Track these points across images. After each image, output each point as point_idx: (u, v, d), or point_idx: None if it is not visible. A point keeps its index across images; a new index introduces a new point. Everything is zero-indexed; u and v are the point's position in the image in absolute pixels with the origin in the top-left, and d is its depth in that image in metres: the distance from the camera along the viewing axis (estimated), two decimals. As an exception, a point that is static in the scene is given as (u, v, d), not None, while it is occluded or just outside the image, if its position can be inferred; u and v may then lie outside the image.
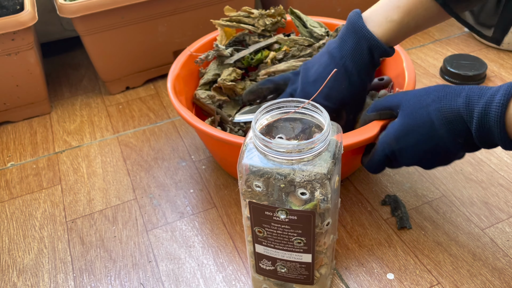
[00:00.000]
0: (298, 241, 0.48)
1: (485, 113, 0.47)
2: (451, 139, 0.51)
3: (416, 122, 0.53)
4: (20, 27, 0.82)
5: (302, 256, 0.49)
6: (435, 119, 0.51)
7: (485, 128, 0.48)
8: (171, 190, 0.75)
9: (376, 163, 0.59)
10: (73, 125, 0.93)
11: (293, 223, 0.46)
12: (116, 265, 0.64)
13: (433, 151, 0.54)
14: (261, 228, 0.48)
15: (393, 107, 0.57)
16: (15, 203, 0.75)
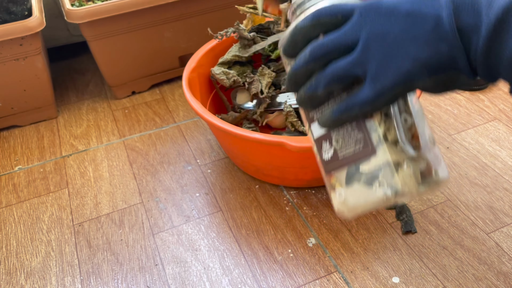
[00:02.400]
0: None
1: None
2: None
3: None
4: (28, 33, 0.83)
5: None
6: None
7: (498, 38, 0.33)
8: (177, 193, 0.76)
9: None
10: (80, 129, 0.93)
11: None
12: (123, 268, 0.64)
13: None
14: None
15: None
16: (23, 206, 0.76)
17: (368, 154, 0.41)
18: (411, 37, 0.35)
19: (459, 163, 0.77)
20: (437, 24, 0.34)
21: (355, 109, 0.38)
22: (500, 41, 0.33)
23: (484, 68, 0.35)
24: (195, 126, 0.91)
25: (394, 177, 0.41)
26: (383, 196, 0.41)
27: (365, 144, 0.41)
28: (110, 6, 0.88)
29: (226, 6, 1.00)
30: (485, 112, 0.88)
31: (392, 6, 0.36)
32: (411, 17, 0.35)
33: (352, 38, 0.36)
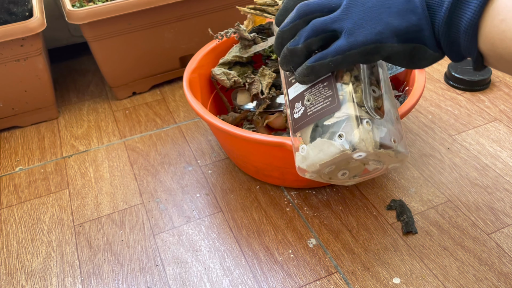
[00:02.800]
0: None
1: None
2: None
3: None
4: (29, 33, 0.83)
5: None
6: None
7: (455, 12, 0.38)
8: (178, 194, 0.76)
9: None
10: (81, 130, 0.94)
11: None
12: (124, 269, 0.64)
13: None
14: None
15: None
16: (23, 207, 0.76)
17: (333, 109, 0.44)
18: (386, 6, 0.40)
19: (459, 163, 0.77)
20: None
21: (327, 58, 0.42)
22: (459, 12, 0.37)
23: (446, 40, 0.39)
24: (196, 127, 0.91)
25: (354, 131, 0.43)
26: (341, 148, 0.43)
27: (332, 100, 0.44)
28: (111, 7, 0.88)
29: (226, 7, 1.00)
30: (486, 113, 0.88)
31: None
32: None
33: (335, 1, 0.41)
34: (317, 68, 0.43)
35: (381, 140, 0.44)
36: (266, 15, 0.79)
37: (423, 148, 0.81)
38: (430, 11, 0.39)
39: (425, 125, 0.86)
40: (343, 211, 0.70)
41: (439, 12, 0.38)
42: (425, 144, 0.82)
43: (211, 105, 0.82)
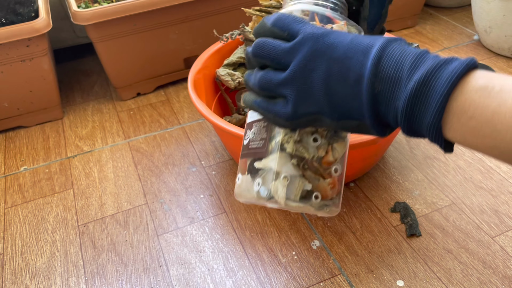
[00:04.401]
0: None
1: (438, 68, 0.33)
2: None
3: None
4: (35, 34, 0.83)
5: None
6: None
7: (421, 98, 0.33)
8: (182, 195, 0.76)
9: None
10: (85, 130, 0.94)
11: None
12: (127, 269, 0.65)
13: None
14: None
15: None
16: (28, 207, 0.76)
17: (263, 154, 0.45)
18: (333, 83, 0.37)
19: (464, 166, 0.77)
20: (357, 82, 0.36)
21: (271, 113, 0.41)
22: (418, 114, 0.34)
23: (409, 132, 0.36)
24: (200, 128, 0.91)
25: (271, 183, 0.44)
26: (258, 194, 0.45)
27: (264, 144, 0.45)
28: (116, 8, 0.88)
29: (231, 8, 1.00)
30: (490, 116, 0.87)
31: (327, 47, 0.37)
32: (338, 65, 0.37)
33: (286, 60, 0.39)
34: (259, 112, 0.43)
35: (294, 197, 0.45)
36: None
37: (427, 150, 0.81)
38: (382, 101, 0.35)
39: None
40: (346, 213, 0.70)
41: (392, 106, 0.35)
42: (429, 147, 0.81)
43: (215, 106, 0.82)
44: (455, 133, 0.33)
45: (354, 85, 0.36)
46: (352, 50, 0.36)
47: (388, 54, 0.35)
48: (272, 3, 0.80)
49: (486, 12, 1.03)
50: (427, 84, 0.33)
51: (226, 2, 0.99)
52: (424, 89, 0.33)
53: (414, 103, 0.33)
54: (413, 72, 0.33)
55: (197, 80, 0.77)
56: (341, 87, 0.37)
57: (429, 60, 0.34)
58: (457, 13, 1.25)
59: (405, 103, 0.33)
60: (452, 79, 0.32)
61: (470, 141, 0.33)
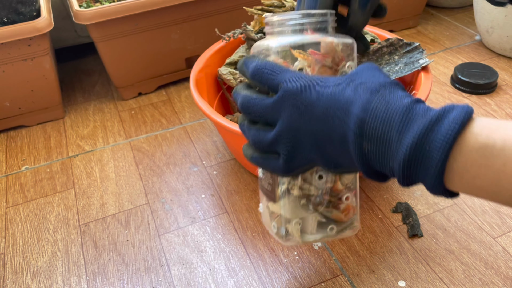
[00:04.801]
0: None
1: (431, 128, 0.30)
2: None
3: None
4: (37, 33, 0.83)
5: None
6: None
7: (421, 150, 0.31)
8: (183, 195, 0.76)
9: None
10: (86, 130, 0.94)
11: None
12: (129, 269, 0.65)
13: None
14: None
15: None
16: (29, 206, 0.76)
17: (272, 199, 0.47)
18: (319, 141, 0.36)
19: (465, 167, 0.77)
20: (343, 143, 0.35)
21: (268, 169, 0.42)
22: (415, 176, 0.32)
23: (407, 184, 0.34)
24: (201, 128, 0.91)
25: (284, 226, 0.46)
26: (277, 234, 0.47)
27: (272, 190, 0.46)
28: (117, 7, 0.88)
29: (233, 8, 1.00)
30: (492, 116, 0.87)
31: (306, 106, 0.36)
32: (320, 125, 0.36)
33: (272, 118, 0.39)
34: (257, 163, 0.43)
35: (310, 232, 0.47)
36: None
37: (429, 151, 0.81)
38: (372, 157, 0.33)
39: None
40: (348, 213, 0.70)
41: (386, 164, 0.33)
42: (431, 147, 0.81)
43: (217, 105, 0.82)
44: (459, 188, 0.31)
45: (341, 145, 0.35)
46: (332, 107, 0.35)
47: (372, 111, 0.32)
48: (274, 2, 0.80)
49: (488, 12, 1.03)
50: (420, 149, 0.30)
51: (227, 1, 0.98)
52: (418, 154, 0.31)
53: (410, 167, 0.31)
54: (403, 134, 0.31)
55: (199, 79, 0.77)
56: (328, 145, 0.36)
57: (418, 117, 0.31)
58: (458, 14, 1.25)
59: (400, 167, 0.31)
60: (448, 142, 0.29)
61: (476, 195, 0.31)
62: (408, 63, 0.71)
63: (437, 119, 0.30)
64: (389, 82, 0.34)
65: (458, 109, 0.31)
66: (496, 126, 0.30)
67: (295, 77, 0.38)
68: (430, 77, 0.70)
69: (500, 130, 0.29)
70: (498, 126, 0.29)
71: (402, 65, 0.71)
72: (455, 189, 0.31)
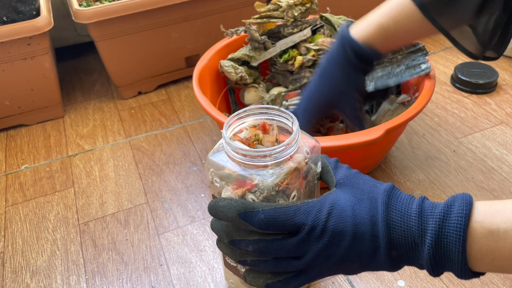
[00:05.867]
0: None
1: (442, 226, 0.35)
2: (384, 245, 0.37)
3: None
4: (36, 32, 0.83)
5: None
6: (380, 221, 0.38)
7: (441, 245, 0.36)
8: (183, 194, 0.76)
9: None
10: (86, 129, 0.94)
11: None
12: (128, 268, 0.65)
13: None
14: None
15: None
16: (29, 205, 0.76)
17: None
18: (349, 261, 0.38)
19: (465, 166, 0.77)
20: (372, 257, 0.38)
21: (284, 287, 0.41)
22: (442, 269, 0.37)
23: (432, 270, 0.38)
24: (201, 127, 0.91)
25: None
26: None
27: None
28: (117, 6, 0.88)
29: (233, 7, 1.00)
30: (492, 116, 0.87)
31: (336, 233, 0.38)
32: (351, 247, 0.38)
33: (295, 254, 0.39)
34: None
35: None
36: (273, 20, 0.80)
37: (429, 150, 0.81)
38: (403, 261, 0.38)
39: (431, 128, 0.86)
40: (348, 212, 0.70)
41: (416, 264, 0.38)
42: (431, 147, 0.81)
43: (220, 104, 0.82)
44: (485, 269, 0.36)
45: (370, 259, 0.38)
46: (359, 232, 0.38)
47: (393, 227, 0.37)
48: (270, 7, 0.80)
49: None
50: (440, 246, 0.35)
51: (227, 1, 0.98)
52: (440, 252, 0.35)
53: (437, 263, 0.36)
54: (424, 237, 0.36)
55: (202, 77, 0.77)
56: (355, 262, 0.38)
57: (429, 220, 0.36)
58: (459, 13, 1.25)
59: (428, 264, 0.36)
60: (460, 237, 0.35)
61: (502, 272, 0.36)
62: (409, 67, 0.71)
63: (444, 216, 0.36)
64: (389, 188, 0.39)
65: (458, 201, 0.36)
66: (494, 210, 0.35)
67: (311, 211, 0.38)
68: (433, 81, 0.70)
69: (499, 214, 0.35)
70: (496, 210, 0.35)
71: (404, 67, 0.71)
72: (480, 269, 0.36)
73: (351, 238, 0.38)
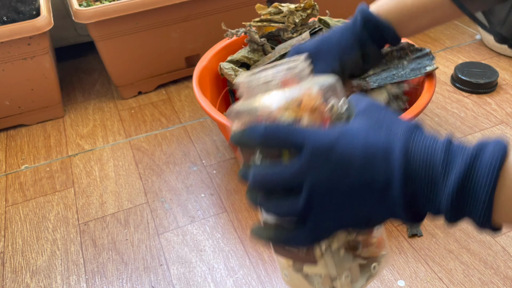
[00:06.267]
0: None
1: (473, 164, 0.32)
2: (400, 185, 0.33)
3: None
4: (36, 32, 0.83)
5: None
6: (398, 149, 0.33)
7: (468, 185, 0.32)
8: (182, 194, 0.76)
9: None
10: (86, 129, 0.94)
11: None
12: (128, 268, 0.65)
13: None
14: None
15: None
16: (29, 205, 0.76)
17: (310, 261, 0.42)
18: (357, 197, 0.33)
19: (465, 166, 0.77)
20: (384, 189, 0.33)
21: (290, 243, 0.37)
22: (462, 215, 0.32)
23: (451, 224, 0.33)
24: (201, 127, 0.91)
25: (334, 283, 0.42)
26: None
27: (308, 253, 0.42)
28: (117, 6, 0.88)
29: (233, 7, 1.00)
30: (492, 116, 0.87)
31: (341, 164, 0.33)
32: (358, 180, 0.33)
33: (297, 181, 0.34)
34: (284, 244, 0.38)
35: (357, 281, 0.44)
36: (274, 25, 0.80)
37: (429, 150, 0.80)
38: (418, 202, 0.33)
39: (432, 128, 0.86)
40: (348, 212, 0.70)
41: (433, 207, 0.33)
42: (431, 147, 0.81)
43: (220, 105, 0.82)
44: (505, 219, 0.32)
45: (381, 193, 0.33)
46: (371, 157, 0.33)
47: (413, 157, 0.33)
48: (271, 11, 0.80)
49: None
50: (467, 184, 0.31)
51: (227, 1, 0.98)
52: (465, 190, 0.31)
53: (459, 202, 0.32)
54: (448, 173, 0.32)
55: (202, 78, 0.77)
56: (366, 198, 0.34)
57: (457, 156, 0.32)
58: (459, 13, 1.25)
59: (449, 202, 0.32)
60: (491, 181, 0.31)
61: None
62: (415, 69, 0.71)
63: (476, 156, 0.31)
64: (415, 123, 0.35)
65: (493, 142, 0.32)
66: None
67: (318, 132, 0.34)
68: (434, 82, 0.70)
69: None
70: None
71: (409, 70, 0.72)
72: (501, 220, 0.32)
73: (361, 164, 0.33)
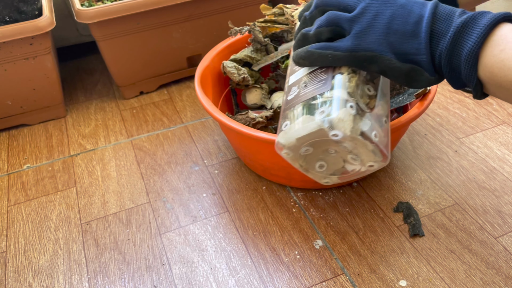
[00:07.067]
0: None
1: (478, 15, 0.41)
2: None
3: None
4: (39, 32, 0.84)
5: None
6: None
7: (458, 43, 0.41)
8: (184, 194, 0.76)
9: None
10: (88, 128, 0.94)
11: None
12: (130, 267, 0.65)
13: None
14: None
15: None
16: (31, 205, 0.77)
17: (324, 89, 0.47)
18: (395, 23, 0.43)
19: (467, 166, 0.77)
20: (417, 22, 0.43)
21: (329, 50, 0.45)
22: (461, 41, 0.41)
23: (448, 68, 0.42)
24: (203, 127, 0.91)
25: (336, 110, 0.45)
26: (319, 123, 0.45)
27: (325, 83, 0.47)
28: (119, 6, 0.88)
29: (235, 7, 1.00)
30: (494, 116, 0.87)
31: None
32: (401, 10, 0.44)
33: (352, 4, 0.45)
34: (315, 56, 0.46)
35: (361, 127, 0.46)
36: (278, 26, 0.80)
37: (431, 150, 0.81)
38: (434, 38, 0.42)
39: (433, 128, 0.86)
40: (349, 212, 0.70)
41: (443, 40, 0.42)
42: (432, 147, 0.81)
43: (221, 104, 0.82)
44: (486, 67, 0.39)
45: (414, 25, 0.43)
46: (411, 1, 0.44)
47: (441, 5, 0.43)
48: (276, 11, 0.80)
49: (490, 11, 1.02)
50: (473, 20, 0.40)
51: (229, 0, 0.99)
52: (470, 23, 0.40)
53: (459, 34, 0.40)
54: (463, 14, 0.42)
55: (204, 78, 0.77)
56: (401, 27, 0.43)
57: (470, 13, 0.41)
58: (460, 13, 1.25)
59: (453, 33, 0.41)
60: (494, 18, 0.40)
61: (496, 75, 0.39)
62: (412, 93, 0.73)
63: (485, 14, 0.41)
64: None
65: (503, 12, 0.41)
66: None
67: None
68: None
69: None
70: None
71: (407, 95, 0.73)
72: (482, 70, 0.40)
73: (405, 2, 0.44)
